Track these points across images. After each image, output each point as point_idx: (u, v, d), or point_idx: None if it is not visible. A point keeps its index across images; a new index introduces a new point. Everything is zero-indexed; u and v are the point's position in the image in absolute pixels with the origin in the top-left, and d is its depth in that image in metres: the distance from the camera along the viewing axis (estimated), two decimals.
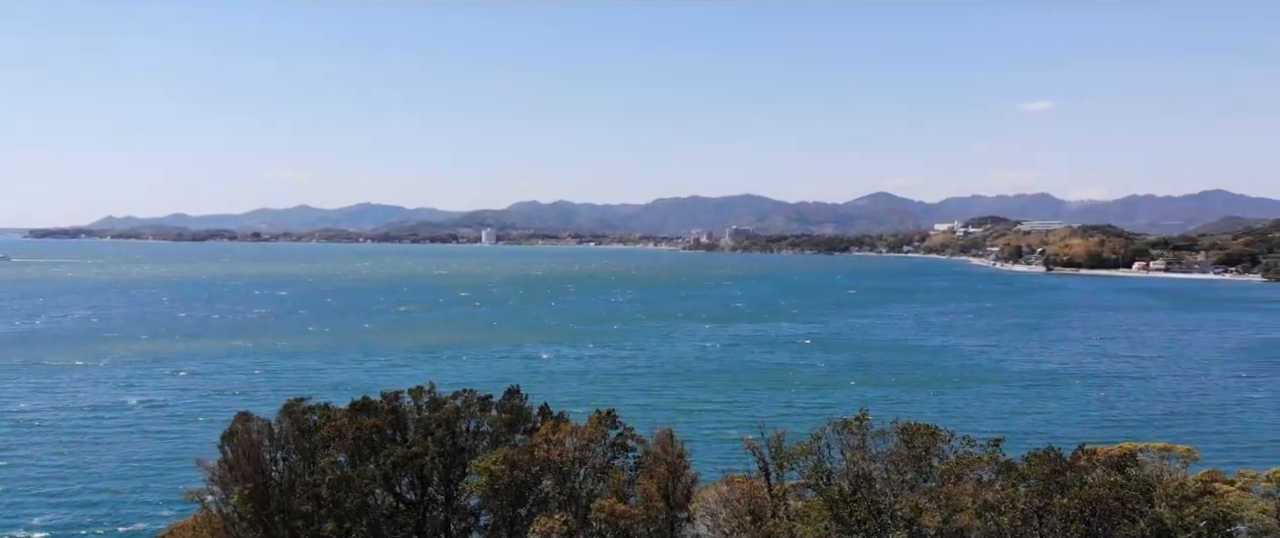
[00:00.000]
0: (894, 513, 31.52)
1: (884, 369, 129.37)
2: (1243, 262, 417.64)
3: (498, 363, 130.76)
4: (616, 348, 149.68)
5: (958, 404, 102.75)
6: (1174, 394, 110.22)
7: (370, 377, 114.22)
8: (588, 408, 43.35)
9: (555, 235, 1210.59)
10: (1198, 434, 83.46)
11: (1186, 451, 34.95)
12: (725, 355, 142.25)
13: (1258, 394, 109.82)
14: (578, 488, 38.22)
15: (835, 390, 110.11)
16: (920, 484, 34.11)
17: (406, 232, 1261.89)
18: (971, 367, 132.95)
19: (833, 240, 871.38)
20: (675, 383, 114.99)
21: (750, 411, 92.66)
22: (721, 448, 64.27)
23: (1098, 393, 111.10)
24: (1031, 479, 32.05)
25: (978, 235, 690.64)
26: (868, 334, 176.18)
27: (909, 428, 35.75)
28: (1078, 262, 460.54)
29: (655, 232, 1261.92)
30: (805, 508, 34.22)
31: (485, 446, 40.20)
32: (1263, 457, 71.20)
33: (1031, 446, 35.56)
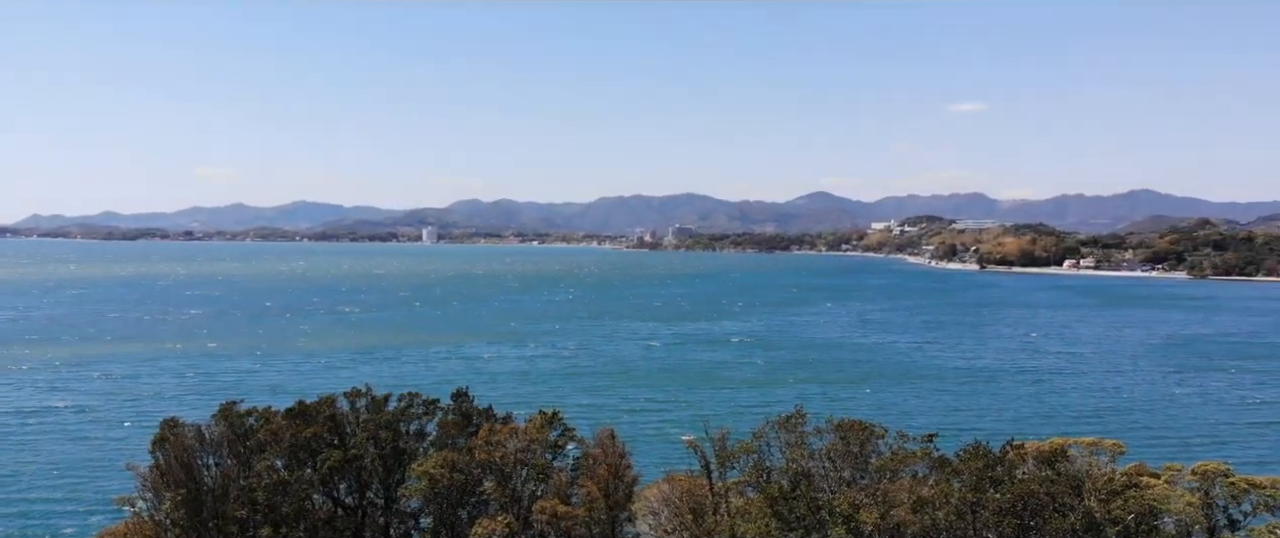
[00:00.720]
0: (832, 510, 32.00)
1: (823, 366, 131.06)
2: (1168, 259, 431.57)
3: (439, 364, 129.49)
4: (559, 348, 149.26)
5: (894, 400, 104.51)
6: (1102, 390, 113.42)
7: (307, 379, 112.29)
8: (530, 409, 43.21)
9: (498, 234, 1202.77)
10: (1126, 429, 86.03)
11: (1114, 445, 35.95)
12: (668, 354, 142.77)
13: (1183, 390, 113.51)
14: (519, 489, 38.07)
15: (776, 388, 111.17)
16: (857, 481, 34.69)
17: (344, 230, 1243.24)
18: (907, 363, 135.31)
19: (774, 239, 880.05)
20: (618, 382, 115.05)
21: (693, 409, 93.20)
22: (664, 447, 64.62)
23: (1029, 388, 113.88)
24: (965, 475, 32.77)
25: (913, 234, 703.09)
26: (807, 332, 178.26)
27: (846, 425, 36.32)
28: (1010, 260, 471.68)
29: (599, 230, 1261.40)
30: (746, 506, 34.55)
31: (428, 448, 39.88)
32: (1188, 451, 73.86)
33: (965, 441, 36.28)
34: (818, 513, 32.77)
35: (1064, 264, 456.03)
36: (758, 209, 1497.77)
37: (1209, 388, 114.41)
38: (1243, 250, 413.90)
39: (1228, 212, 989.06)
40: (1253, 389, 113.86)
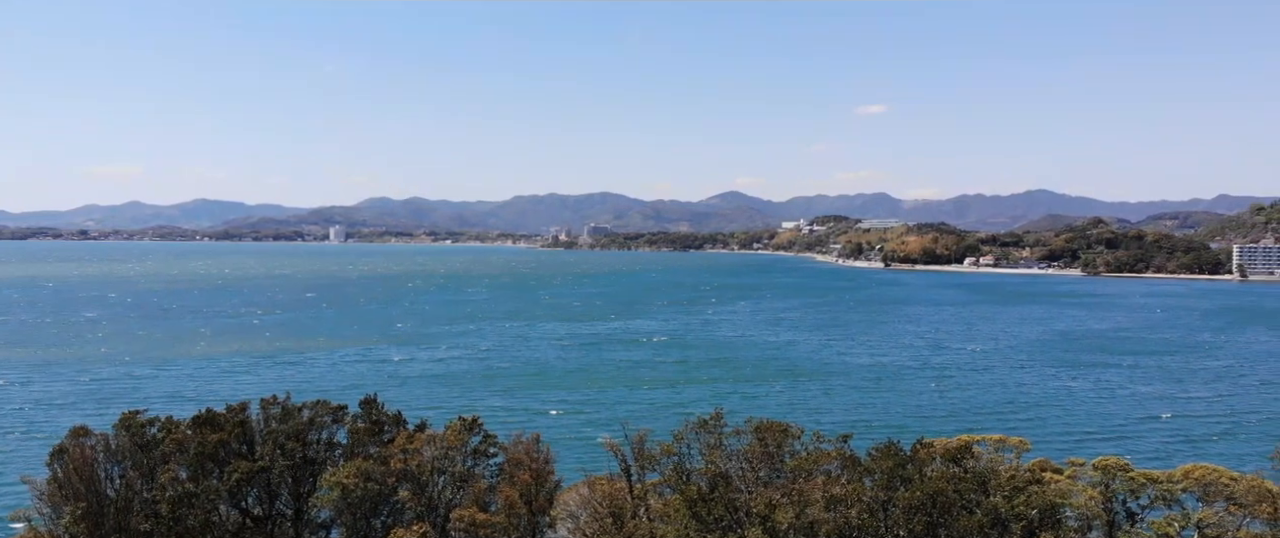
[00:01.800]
0: (749, 510, 32.44)
1: (738, 365, 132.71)
2: (1064, 257, 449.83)
3: (347, 368, 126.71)
4: (473, 349, 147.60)
5: (807, 398, 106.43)
6: (1005, 386, 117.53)
7: (208, 385, 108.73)
8: (444, 413, 42.72)
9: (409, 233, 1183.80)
10: (1029, 425, 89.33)
11: (1019, 442, 37.29)
12: (585, 355, 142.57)
13: (1081, 385, 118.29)
14: (436, 497, 37.58)
15: (692, 387, 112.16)
16: (774, 480, 35.24)
17: (247, 229, 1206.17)
18: (818, 361, 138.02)
19: (688, 238, 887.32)
20: (535, 384, 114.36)
21: (611, 410, 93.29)
22: (583, 450, 64.45)
23: (935, 385, 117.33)
24: (876, 473, 33.58)
25: (822, 233, 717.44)
26: (722, 330, 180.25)
27: (763, 426, 36.86)
28: (914, 258, 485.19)
29: (513, 229, 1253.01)
30: (665, 508, 34.78)
31: (339, 457, 39.01)
32: (1089, 445, 76.95)
33: (876, 438, 37.12)
34: (735, 514, 33.19)
35: (965, 262, 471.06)
36: (672, 208, 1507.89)
37: (1106, 383, 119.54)
38: (1133, 248, 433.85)
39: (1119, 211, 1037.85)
40: (1147, 384, 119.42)
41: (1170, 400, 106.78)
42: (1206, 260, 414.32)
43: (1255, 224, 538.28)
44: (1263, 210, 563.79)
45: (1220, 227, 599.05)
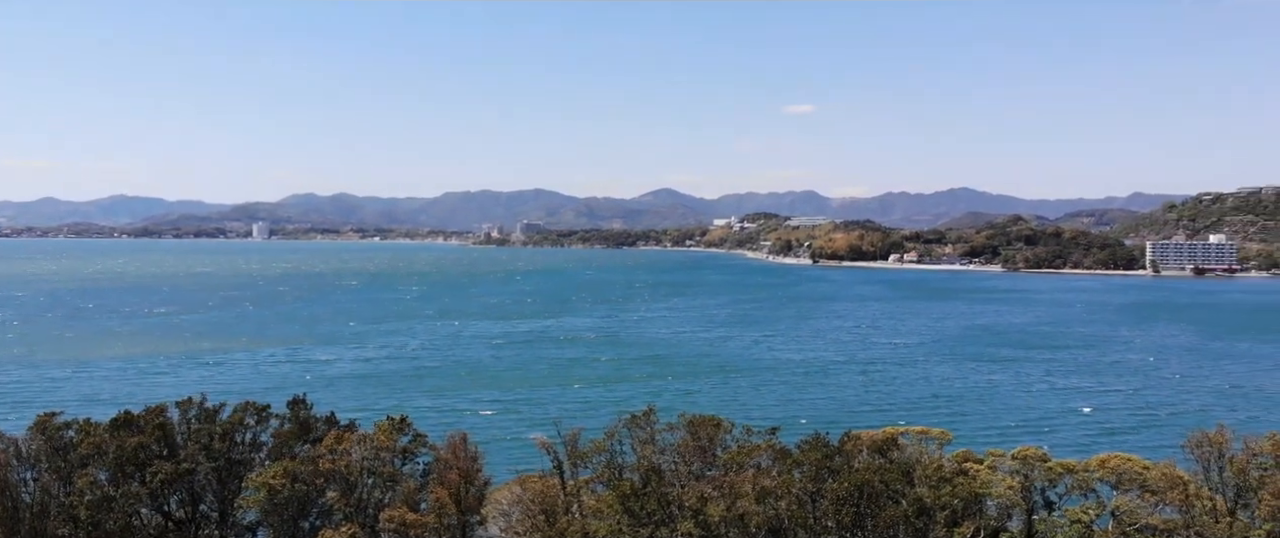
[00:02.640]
0: (681, 504, 32.74)
1: (671, 361, 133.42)
2: (985, 253, 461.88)
3: (272, 368, 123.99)
4: (403, 348, 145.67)
5: (739, 393, 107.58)
6: (929, 379, 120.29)
7: (127, 387, 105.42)
8: (373, 414, 42.16)
9: (336, 230, 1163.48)
10: (952, 417, 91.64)
11: (941, 433, 38.29)
12: (518, 353, 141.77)
13: (1002, 378, 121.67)
14: (365, 498, 37.08)
15: (626, 384, 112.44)
16: (706, 474, 35.62)
17: (168, 226, 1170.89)
18: (749, 356, 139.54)
19: (621, 235, 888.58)
20: (466, 383, 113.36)
21: (544, 408, 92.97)
22: (515, 448, 64.07)
23: (861, 379, 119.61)
24: (805, 465, 34.18)
25: (752, 230, 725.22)
26: (655, 327, 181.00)
27: (695, 421, 37.23)
28: (841, 254, 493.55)
29: (444, 226, 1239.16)
30: (598, 504, 34.89)
31: (265, 458, 38.24)
32: (1010, 437, 79.16)
33: (805, 431, 37.79)
34: (668, 508, 33.46)
35: (890, 258, 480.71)
36: (605, 206, 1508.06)
37: (1026, 376, 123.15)
38: (1051, 245, 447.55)
39: (1038, 208, 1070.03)
40: (1065, 377, 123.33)
41: (1088, 393, 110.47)
42: (1121, 256, 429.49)
43: (1167, 221, 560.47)
44: (1174, 208, 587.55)
45: (1134, 224, 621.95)
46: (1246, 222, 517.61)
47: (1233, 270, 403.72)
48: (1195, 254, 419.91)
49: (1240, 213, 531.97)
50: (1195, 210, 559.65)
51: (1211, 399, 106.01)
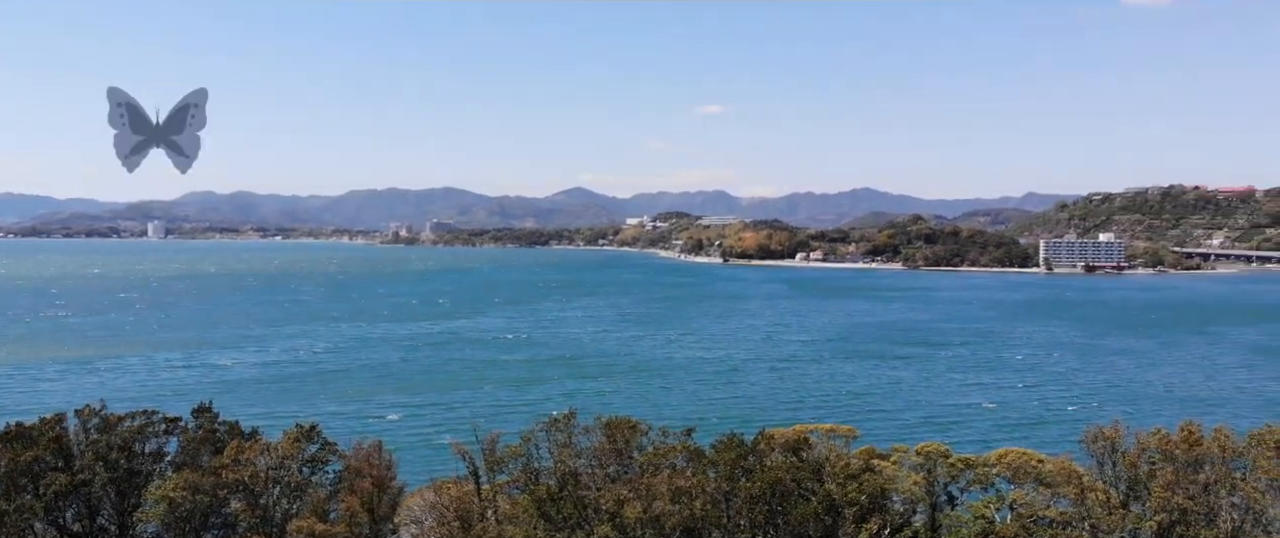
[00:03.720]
0: (598, 507, 32.80)
1: (587, 362, 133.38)
2: (887, 252, 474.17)
3: (169, 373, 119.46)
4: (309, 352, 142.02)
5: (654, 393, 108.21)
6: (836, 376, 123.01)
7: (13, 396, 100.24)
8: (279, 421, 41.06)
9: (235, 229, 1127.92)
10: (859, 413, 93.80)
11: (849, 431, 39.19)
12: (430, 356, 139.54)
13: (905, 374, 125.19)
14: (271, 508, 36.13)
15: (541, 386, 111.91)
16: (622, 476, 35.76)
17: (57, 225, 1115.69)
18: (664, 356, 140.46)
19: (534, 234, 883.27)
20: (377, 388, 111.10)
21: (458, 413, 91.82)
22: (430, 454, 63.18)
23: (773, 376, 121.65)
24: (720, 465, 34.63)
25: (664, 229, 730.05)
26: (570, 327, 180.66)
27: (612, 423, 37.31)
28: (750, 253, 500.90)
29: (350, 225, 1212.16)
30: (514, 509, 34.69)
31: (165, 469, 36.85)
32: (913, 432, 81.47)
33: (720, 431, 38.27)
34: (584, 511, 33.49)
35: (797, 257, 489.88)
36: (517, 205, 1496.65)
37: (929, 373, 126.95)
38: (950, 243, 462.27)
39: (937, 208, 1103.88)
40: (964, 373, 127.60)
41: (988, 389, 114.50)
42: (1016, 254, 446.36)
43: (1060, 220, 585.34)
44: (1066, 207, 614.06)
45: (1029, 223, 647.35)
46: (1134, 221, 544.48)
47: (1121, 267, 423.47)
48: (1086, 252, 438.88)
49: (1128, 212, 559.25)
50: (1086, 210, 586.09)
51: (1105, 395, 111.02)
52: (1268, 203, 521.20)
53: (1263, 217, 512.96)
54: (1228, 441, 33.01)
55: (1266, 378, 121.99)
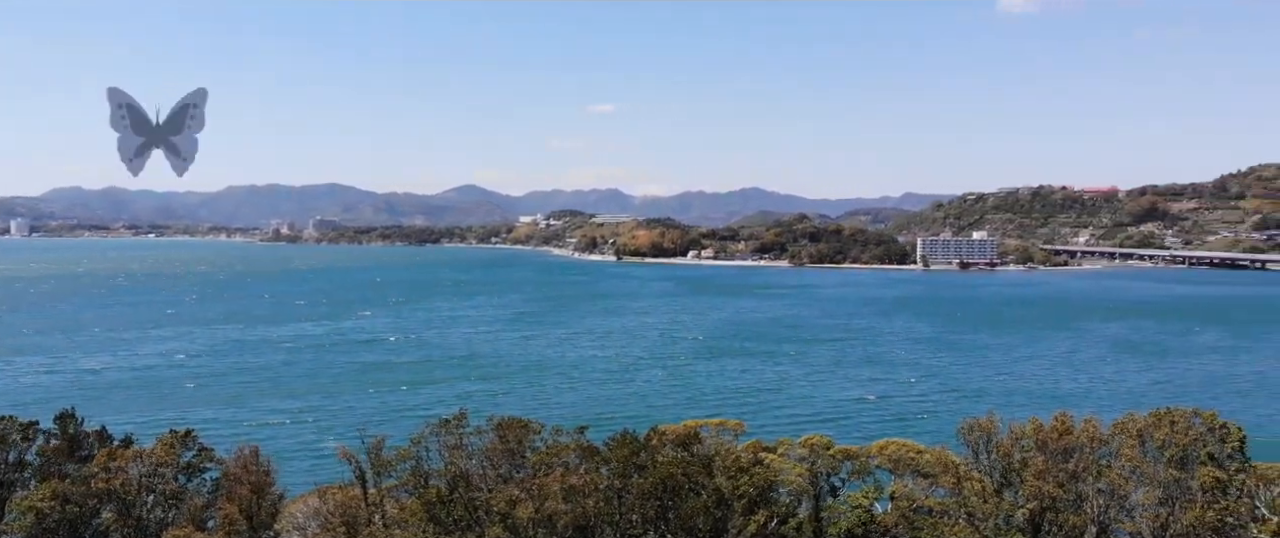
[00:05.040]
0: (490, 508, 32.56)
1: (479, 362, 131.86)
2: (774, 250, 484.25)
3: (32, 379, 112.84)
4: (185, 355, 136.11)
5: (548, 393, 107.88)
6: (727, 372, 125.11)
7: None
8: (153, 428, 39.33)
9: (106, 226, 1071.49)
10: (749, 408, 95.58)
11: (738, 425, 39.95)
12: (314, 358, 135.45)
13: (793, 369, 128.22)
14: (146, 518, 34.66)
15: (432, 388, 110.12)
16: (514, 476, 35.58)
17: None
18: (558, 355, 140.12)
19: (424, 232, 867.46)
20: (258, 392, 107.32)
21: (345, 417, 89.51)
22: (313, 459, 61.54)
23: (665, 373, 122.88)
24: (612, 462, 34.85)
25: (558, 228, 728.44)
26: (462, 326, 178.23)
27: (504, 423, 37.03)
28: (643, 251, 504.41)
29: (228, 222, 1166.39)
30: (402, 513, 34.13)
31: (29, 479, 34.91)
32: (800, 426, 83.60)
33: (613, 428, 38.48)
34: (475, 513, 33.19)
35: (689, 255, 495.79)
36: (406, 201, 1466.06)
37: (814, 367, 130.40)
38: (833, 242, 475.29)
39: (821, 207, 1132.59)
40: (848, 367, 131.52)
41: (870, 383, 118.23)
42: (895, 252, 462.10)
43: (936, 219, 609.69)
44: (942, 207, 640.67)
45: (907, 222, 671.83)
46: (1005, 219, 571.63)
47: (993, 264, 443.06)
48: (960, 250, 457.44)
49: (1000, 212, 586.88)
50: (960, 209, 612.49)
51: (980, 387, 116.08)
52: (1129, 202, 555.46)
53: (1125, 215, 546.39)
54: (1094, 430, 34.94)
55: (1129, 370, 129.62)
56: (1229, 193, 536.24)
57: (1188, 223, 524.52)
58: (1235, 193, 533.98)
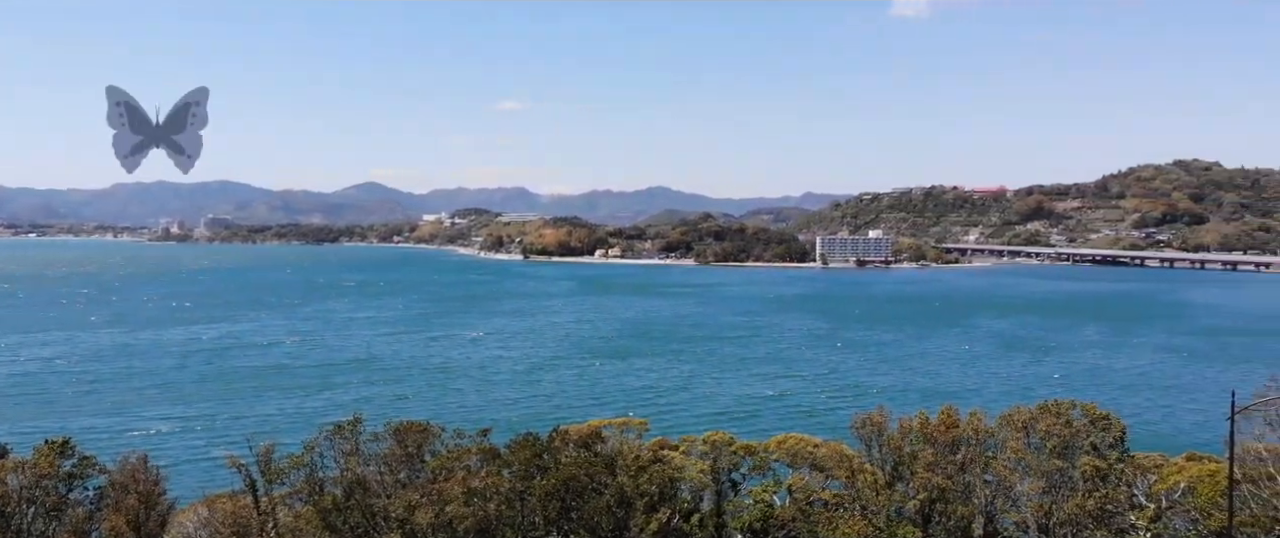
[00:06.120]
0: (388, 514, 32.10)
1: (379, 365, 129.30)
2: (680, 248, 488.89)
3: None
4: (66, 360, 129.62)
5: (451, 396, 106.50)
6: (633, 371, 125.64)
7: None
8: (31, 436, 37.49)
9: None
10: (654, 407, 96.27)
11: (641, 423, 40.32)
12: (207, 362, 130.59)
13: (697, 367, 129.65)
14: (25, 530, 33.08)
15: (330, 392, 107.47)
16: (414, 481, 35.13)
17: None
18: (463, 356, 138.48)
19: (322, 230, 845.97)
20: (143, 399, 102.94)
21: (236, 424, 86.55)
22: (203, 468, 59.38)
23: (572, 374, 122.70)
24: (515, 464, 34.76)
25: (464, 226, 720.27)
26: (362, 328, 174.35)
27: (402, 428, 36.55)
28: (551, 250, 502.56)
29: (116, 221, 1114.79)
30: (296, 521, 33.38)
31: None
32: (703, 423, 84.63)
33: (516, 430, 38.39)
34: (373, 520, 32.69)
35: (596, 254, 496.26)
36: (303, 199, 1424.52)
37: (718, 364, 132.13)
38: (737, 240, 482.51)
39: (725, 207, 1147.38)
40: (751, 365, 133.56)
41: (772, 379, 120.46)
42: (796, 250, 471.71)
43: (834, 218, 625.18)
44: (839, 207, 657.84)
45: (807, 221, 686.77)
46: (899, 218, 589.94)
47: (888, 262, 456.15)
48: (857, 248, 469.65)
49: (895, 211, 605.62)
50: (857, 208, 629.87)
51: (874, 381, 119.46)
52: (1017, 202, 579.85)
53: (1013, 215, 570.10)
54: (980, 423, 36.47)
55: (1015, 365, 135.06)
56: (1110, 193, 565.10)
57: (1072, 222, 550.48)
58: (1116, 193, 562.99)
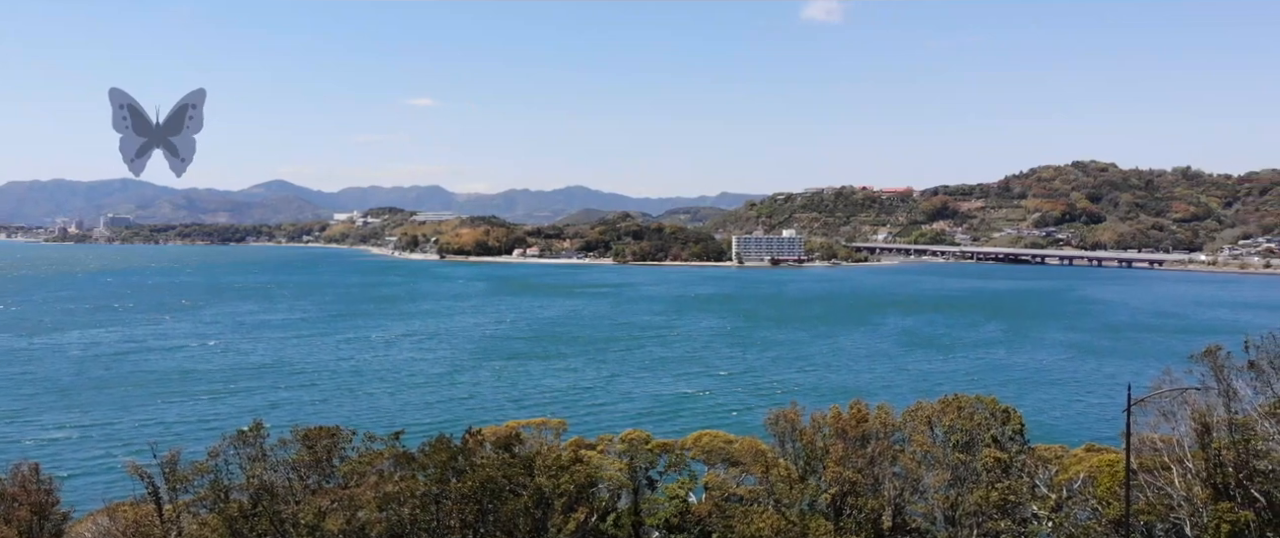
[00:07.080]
0: (297, 521, 31.34)
1: (289, 369, 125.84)
2: (598, 247, 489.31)
3: None
4: None
5: (363, 399, 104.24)
6: (552, 372, 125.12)
7: None
8: None
9: None
10: (573, 408, 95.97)
11: (559, 423, 40.28)
12: (107, 367, 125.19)
13: (615, 367, 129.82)
14: None
15: (235, 397, 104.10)
16: (324, 487, 34.35)
17: None
18: (375, 359, 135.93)
19: (227, 230, 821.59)
20: (36, 406, 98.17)
21: (138, 431, 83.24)
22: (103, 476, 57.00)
23: (489, 376, 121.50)
24: (429, 467, 34.28)
25: (377, 225, 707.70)
26: (271, 331, 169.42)
27: (310, 433, 35.73)
28: (468, 250, 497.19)
29: (9, 221, 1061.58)
30: (201, 530, 32.34)
31: None
32: (621, 422, 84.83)
33: (431, 433, 37.87)
34: (282, 527, 31.86)
35: (514, 253, 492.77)
36: (208, 198, 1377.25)
37: (634, 364, 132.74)
38: (655, 239, 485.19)
39: (643, 206, 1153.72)
40: (670, 363, 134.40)
41: (689, 377, 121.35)
42: (712, 249, 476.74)
43: (749, 218, 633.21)
44: (754, 206, 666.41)
45: (723, 220, 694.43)
46: (811, 218, 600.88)
47: (801, 261, 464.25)
48: (771, 247, 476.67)
49: (807, 211, 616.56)
50: (771, 208, 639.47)
51: (787, 377, 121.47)
52: (923, 202, 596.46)
53: (919, 214, 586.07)
54: (888, 417, 37.44)
55: (921, 361, 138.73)
56: (1013, 193, 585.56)
57: (976, 221, 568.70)
58: (1018, 193, 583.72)
